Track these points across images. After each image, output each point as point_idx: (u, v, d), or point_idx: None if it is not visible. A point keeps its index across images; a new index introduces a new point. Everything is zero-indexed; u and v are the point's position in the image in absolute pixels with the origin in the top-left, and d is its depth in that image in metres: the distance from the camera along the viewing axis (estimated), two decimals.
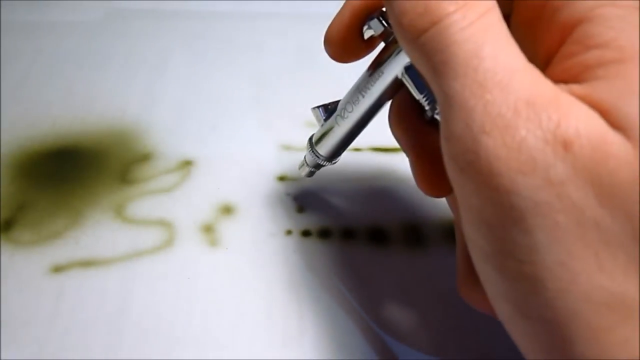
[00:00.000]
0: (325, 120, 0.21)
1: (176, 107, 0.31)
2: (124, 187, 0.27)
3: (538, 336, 0.12)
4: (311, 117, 0.31)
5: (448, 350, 0.21)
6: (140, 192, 0.26)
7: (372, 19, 0.18)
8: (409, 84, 0.17)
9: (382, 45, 0.19)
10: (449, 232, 0.25)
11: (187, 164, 0.28)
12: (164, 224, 0.25)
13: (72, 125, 0.30)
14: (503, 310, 0.13)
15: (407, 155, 0.19)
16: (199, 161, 0.28)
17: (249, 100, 0.32)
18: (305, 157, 0.24)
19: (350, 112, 0.20)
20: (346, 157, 0.29)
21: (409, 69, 0.17)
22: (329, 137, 0.21)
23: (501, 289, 0.13)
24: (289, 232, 0.25)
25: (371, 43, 0.19)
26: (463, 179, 0.12)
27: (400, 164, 0.29)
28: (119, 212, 0.25)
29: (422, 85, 0.17)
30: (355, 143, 0.29)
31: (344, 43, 0.19)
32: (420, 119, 0.19)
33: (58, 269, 0.23)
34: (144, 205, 0.26)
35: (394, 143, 0.29)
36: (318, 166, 0.23)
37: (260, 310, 0.22)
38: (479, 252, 0.13)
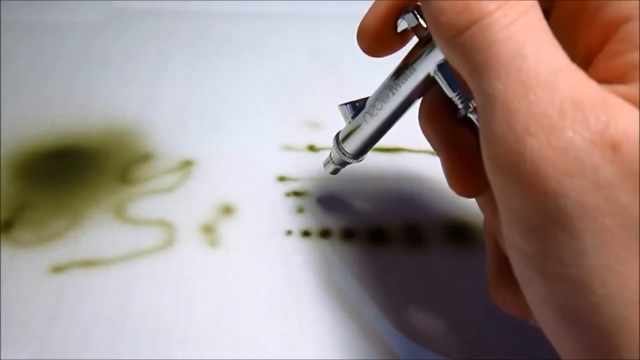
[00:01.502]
0: (353, 117, 0.21)
1: (176, 107, 0.31)
2: (124, 187, 0.27)
3: (581, 341, 0.12)
4: (311, 117, 0.31)
5: (449, 350, 0.21)
6: (141, 192, 0.26)
7: (407, 12, 0.17)
8: (442, 82, 0.17)
9: (414, 40, 0.18)
10: (449, 232, 0.25)
11: (187, 164, 0.28)
12: (164, 224, 0.25)
13: (72, 125, 0.30)
14: (543, 314, 0.13)
15: (438, 155, 0.19)
16: (199, 161, 0.28)
17: (249, 100, 0.32)
18: (330, 155, 0.23)
19: (379, 109, 0.20)
20: None
21: (442, 67, 0.17)
22: (356, 134, 0.21)
23: (543, 292, 0.12)
24: (289, 232, 0.25)
25: (404, 37, 0.19)
26: (504, 180, 0.12)
27: (401, 164, 0.29)
28: (119, 212, 0.25)
29: (455, 83, 0.17)
30: None
31: (378, 36, 0.19)
32: (452, 118, 0.18)
33: (58, 269, 0.23)
34: (144, 206, 0.26)
35: (394, 143, 0.30)
36: (344, 164, 0.23)
37: (260, 310, 0.22)
38: (519, 254, 0.13)
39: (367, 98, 0.21)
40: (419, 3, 0.17)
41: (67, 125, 0.30)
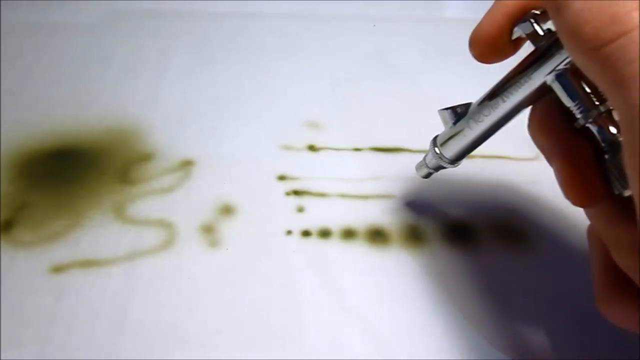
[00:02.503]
0: (455, 123, 0.21)
1: (176, 107, 0.31)
2: (124, 187, 0.27)
3: None
4: (311, 117, 0.31)
5: (450, 350, 0.21)
6: (141, 192, 0.26)
7: (524, 21, 0.17)
8: (560, 91, 0.17)
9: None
10: (447, 233, 0.25)
11: (187, 164, 0.28)
12: (164, 224, 0.25)
13: (72, 125, 0.30)
14: None
15: (552, 164, 0.19)
16: (199, 161, 0.28)
17: (249, 100, 0.32)
18: (425, 158, 0.24)
19: (486, 116, 0.20)
20: (346, 157, 0.29)
21: (560, 76, 0.17)
22: (457, 139, 0.21)
23: None
24: (289, 232, 0.25)
25: (517, 44, 0.19)
26: None
27: (400, 163, 0.29)
28: (119, 213, 0.25)
29: (574, 93, 0.17)
30: (355, 143, 0.30)
31: (493, 44, 0.19)
32: (567, 127, 0.18)
33: (58, 269, 0.23)
34: (144, 206, 0.26)
35: (394, 143, 0.30)
36: (439, 168, 0.23)
37: (260, 310, 0.22)
38: None
39: (468, 104, 0.21)
40: (536, 12, 0.17)
41: (67, 125, 0.30)
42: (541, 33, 0.17)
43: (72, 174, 0.27)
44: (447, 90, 0.33)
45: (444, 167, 0.23)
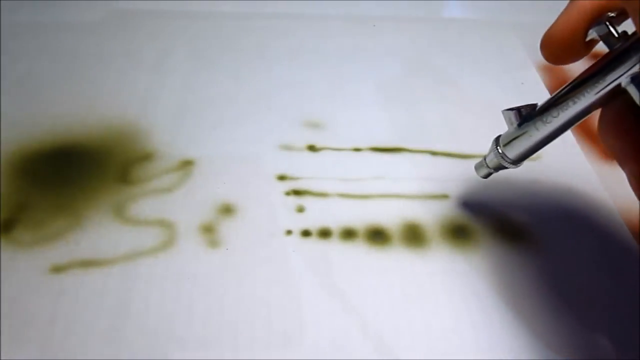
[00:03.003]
0: (520, 124, 0.21)
1: (176, 107, 0.31)
2: (124, 187, 0.27)
3: None
4: (310, 117, 0.31)
5: (449, 351, 0.21)
6: (141, 192, 0.26)
7: (599, 23, 0.17)
8: (635, 94, 0.17)
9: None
10: (448, 234, 0.25)
11: (187, 164, 0.28)
12: (164, 224, 0.25)
13: (72, 125, 0.30)
14: None
15: (624, 167, 0.19)
16: (199, 161, 0.28)
17: (248, 100, 0.32)
18: (485, 159, 0.23)
19: (554, 117, 0.20)
20: (346, 157, 0.29)
21: (635, 78, 0.17)
22: (521, 140, 0.21)
23: None
24: (289, 232, 0.25)
25: (590, 46, 0.19)
26: None
27: (398, 163, 0.29)
28: (119, 212, 0.25)
29: None
30: (355, 142, 0.30)
31: (566, 45, 0.18)
32: None
33: (58, 269, 0.23)
34: (144, 206, 0.26)
35: (394, 143, 0.30)
36: (499, 168, 0.23)
37: (260, 310, 0.22)
38: None
39: (533, 105, 0.21)
40: (611, 14, 0.17)
41: (67, 124, 0.30)
42: (616, 35, 0.17)
43: (72, 173, 0.27)
44: (448, 90, 0.34)
45: (505, 168, 0.23)
